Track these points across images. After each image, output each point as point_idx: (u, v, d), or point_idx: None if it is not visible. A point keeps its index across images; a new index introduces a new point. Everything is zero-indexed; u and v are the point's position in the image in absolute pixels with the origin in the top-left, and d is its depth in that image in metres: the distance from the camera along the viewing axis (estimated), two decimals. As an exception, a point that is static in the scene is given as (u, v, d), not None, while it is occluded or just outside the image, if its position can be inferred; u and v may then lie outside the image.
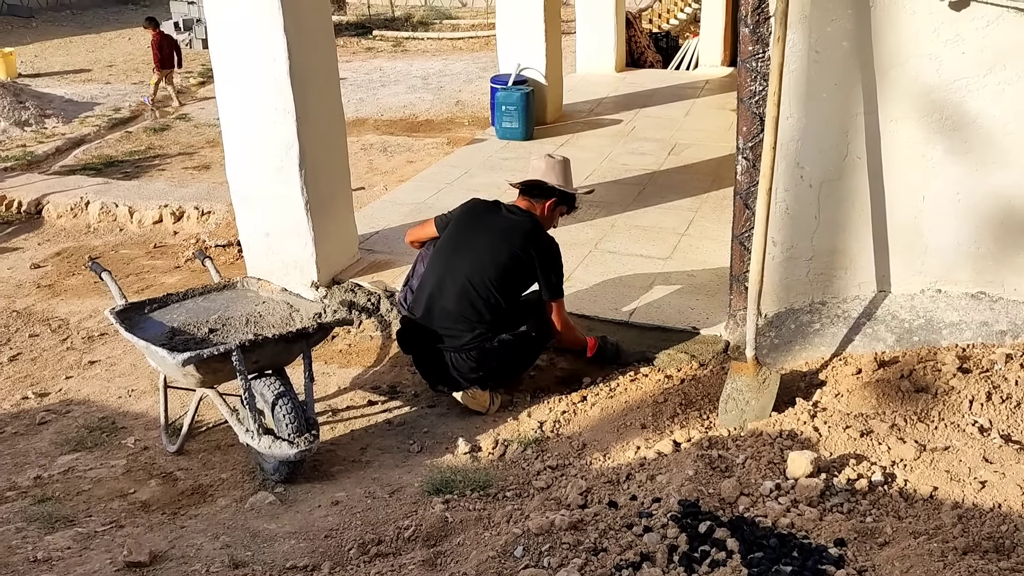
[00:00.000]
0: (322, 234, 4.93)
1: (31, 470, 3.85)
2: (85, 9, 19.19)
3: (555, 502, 3.03)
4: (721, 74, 10.36)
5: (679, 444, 3.39)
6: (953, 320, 3.72)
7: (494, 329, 3.96)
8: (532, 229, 4.03)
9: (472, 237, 4.04)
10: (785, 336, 3.96)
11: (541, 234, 4.05)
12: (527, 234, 3.99)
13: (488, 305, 3.93)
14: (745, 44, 3.69)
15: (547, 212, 4.12)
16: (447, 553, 2.75)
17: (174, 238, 6.85)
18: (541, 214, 4.10)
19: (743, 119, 3.79)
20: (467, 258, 3.97)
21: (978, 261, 3.69)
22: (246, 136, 4.81)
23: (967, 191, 3.60)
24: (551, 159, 4.16)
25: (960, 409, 3.21)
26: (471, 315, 3.93)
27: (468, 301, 3.93)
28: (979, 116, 3.48)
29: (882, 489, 2.81)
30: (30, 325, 5.46)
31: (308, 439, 3.51)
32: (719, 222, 5.58)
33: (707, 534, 2.55)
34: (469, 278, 3.93)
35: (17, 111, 10.20)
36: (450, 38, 16.03)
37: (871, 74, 3.57)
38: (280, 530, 3.16)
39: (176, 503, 3.56)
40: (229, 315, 3.96)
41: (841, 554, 2.42)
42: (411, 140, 9.02)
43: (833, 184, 3.76)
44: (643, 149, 7.43)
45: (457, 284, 3.95)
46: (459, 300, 3.94)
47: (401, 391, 4.39)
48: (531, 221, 4.06)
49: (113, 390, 4.60)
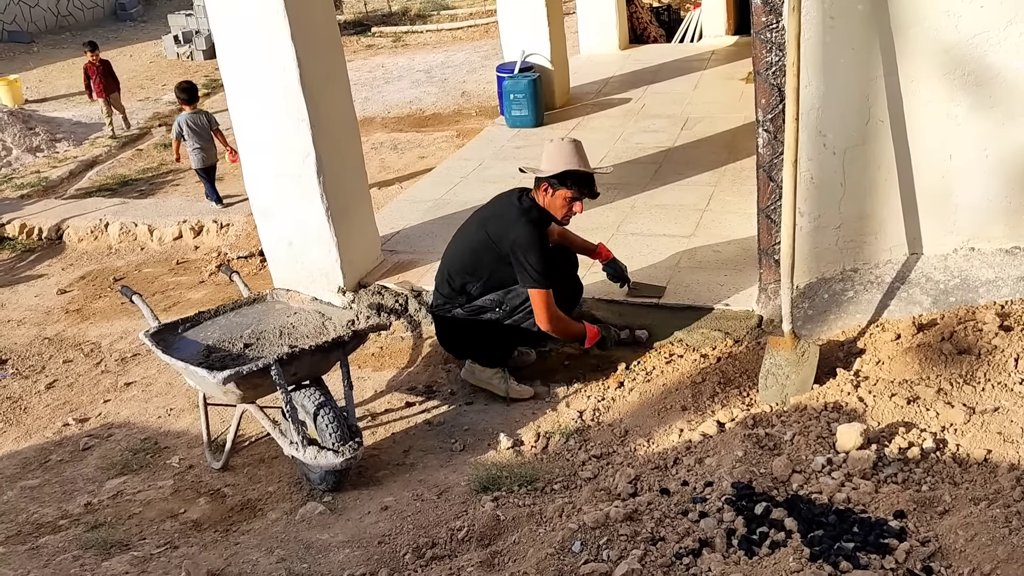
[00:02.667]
0: (345, 239, 4.93)
1: (80, 497, 3.88)
2: (84, 30, 19.21)
3: (605, 492, 3.04)
4: (727, 43, 10.26)
5: (723, 424, 3.38)
6: (989, 277, 3.68)
7: (453, 303, 4.14)
8: (512, 218, 3.97)
9: (467, 222, 4.26)
10: (819, 306, 3.93)
11: (517, 223, 3.94)
12: (505, 222, 3.99)
13: (452, 282, 4.14)
14: (758, 15, 3.65)
15: (546, 198, 4.00)
16: (504, 552, 2.75)
17: (195, 253, 6.88)
18: (543, 202, 4.03)
19: (761, 91, 3.75)
20: (454, 240, 4.26)
21: (1010, 216, 3.65)
22: (262, 148, 4.81)
23: (995, 146, 3.55)
24: (548, 143, 4.07)
25: (1006, 368, 3.18)
26: (442, 288, 4.21)
27: (443, 276, 4.21)
28: (1002, 69, 3.43)
29: (935, 456, 2.79)
30: (63, 351, 5.50)
31: (352, 447, 3.52)
32: (739, 195, 5.54)
33: (764, 515, 2.54)
34: (449, 257, 4.23)
35: (28, 137, 10.26)
36: (449, 29, 15.95)
37: (888, 35, 3.52)
38: (333, 540, 3.18)
39: (227, 520, 3.59)
40: (262, 329, 3.97)
41: (902, 526, 2.40)
42: (420, 136, 9.00)
43: (857, 150, 3.72)
44: (655, 126, 7.38)
45: (442, 261, 4.27)
46: (439, 274, 4.26)
47: (437, 390, 4.40)
48: (517, 210, 3.99)
49: (152, 410, 4.63)
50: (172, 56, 15.28)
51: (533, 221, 3.96)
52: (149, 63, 14.96)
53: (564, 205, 3.97)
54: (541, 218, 4.01)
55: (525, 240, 3.90)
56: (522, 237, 3.91)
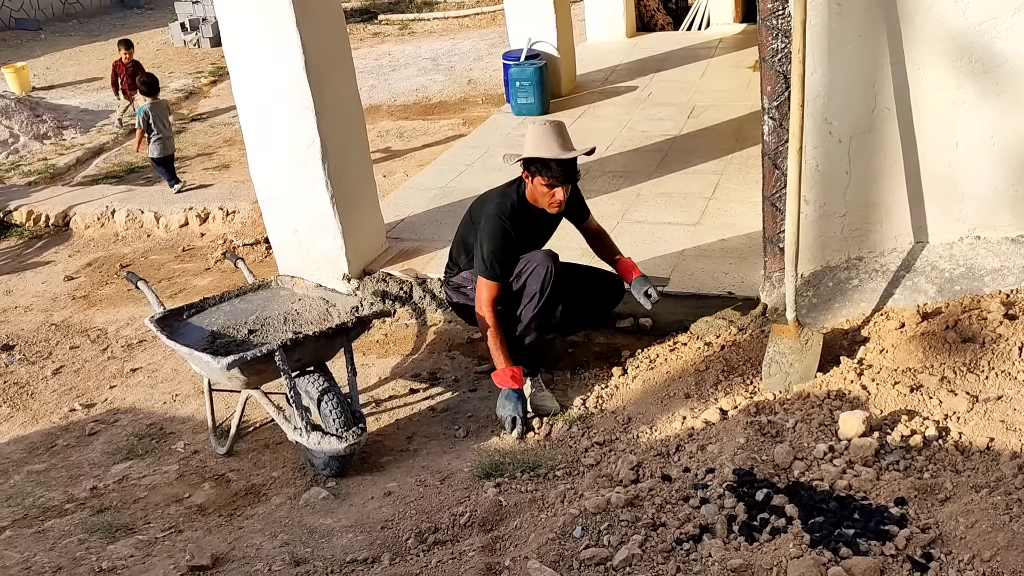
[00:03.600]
0: (350, 226, 4.94)
1: (87, 481, 3.91)
2: (91, 17, 19.23)
3: (607, 479, 3.04)
4: (734, 31, 10.22)
5: (726, 412, 3.38)
6: (995, 266, 3.66)
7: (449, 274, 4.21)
8: (490, 201, 3.96)
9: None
10: (824, 295, 3.93)
11: (488, 207, 3.92)
12: (483, 205, 4.00)
13: (451, 257, 4.23)
14: (764, 2, 3.63)
15: (530, 187, 3.86)
16: (505, 537, 2.77)
17: (202, 240, 6.90)
18: (528, 190, 3.90)
19: (767, 78, 3.74)
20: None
21: (1017, 204, 3.63)
22: (267, 135, 4.81)
23: (1001, 134, 3.53)
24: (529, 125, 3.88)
25: (1010, 356, 3.17)
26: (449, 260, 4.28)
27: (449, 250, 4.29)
28: (1010, 56, 3.41)
29: (937, 444, 2.79)
30: (69, 337, 5.53)
31: (356, 432, 3.54)
32: (745, 183, 5.53)
33: (765, 502, 2.55)
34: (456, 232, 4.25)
35: (35, 125, 10.28)
36: (456, 16, 15.90)
37: (895, 22, 3.50)
38: (336, 524, 3.20)
39: (231, 504, 3.61)
40: (267, 315, 3.99)
41: (903, 513, 2.41)
42: (426, 124, 8.99)
43: (863, 137, 3.70)
44: (661, 114, 7.36)
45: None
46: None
47: (441, 377, 4.41)
48: (498, 195, 3.96)
49: (157, 396, 4.66)
50: (179, 44, 15.27)
51: (501, 210, 3.85)
52: (156, 51, 14.95)
53: (545, 192, 3.80)
54: (516, 208, 3.88)
55: (486, 226, 3.85)
56: (486, 223, 3.86)
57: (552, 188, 3.78)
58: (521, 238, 3.89)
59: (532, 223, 3.97)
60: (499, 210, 3.87)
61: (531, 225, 3.97)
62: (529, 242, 3.96)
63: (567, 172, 3.77)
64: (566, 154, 3.73)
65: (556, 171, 3.74)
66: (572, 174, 3.80)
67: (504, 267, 3.84)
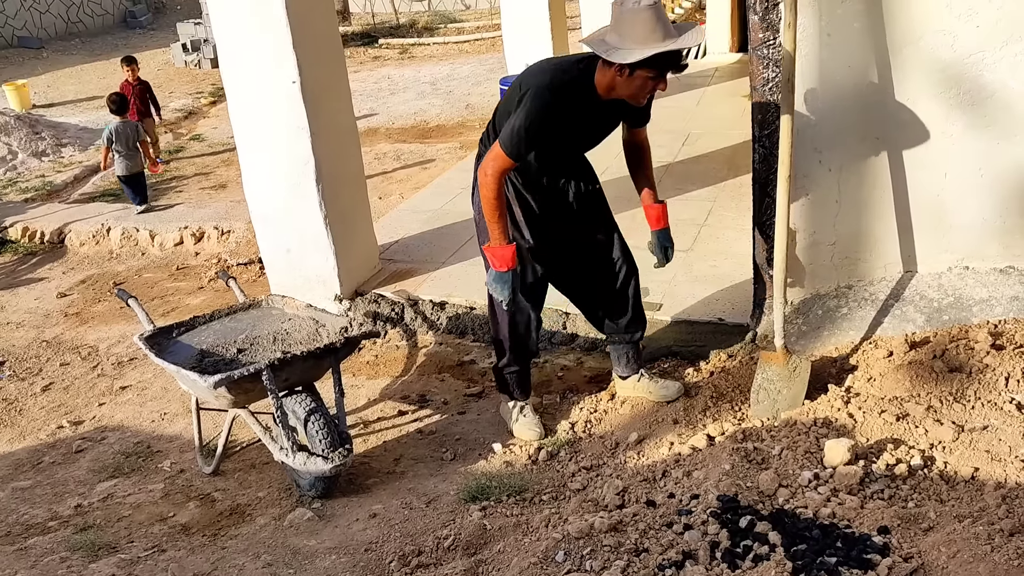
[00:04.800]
0: (343, 247, 4.95)
1: (71, 499, 3.89)
2: (94, 36, 19.36)
3: (592, 503, 3.03)
4: (730, 61, 10.30)
5: (713, 438, 3.38)
6: (983, 296, 3.67)
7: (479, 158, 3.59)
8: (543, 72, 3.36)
9: None
10: (813, 322, 3.93)
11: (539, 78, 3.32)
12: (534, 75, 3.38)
13: (482, 143, 3.62)
14: (755, 32, 3.67)
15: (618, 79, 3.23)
16: (488, 561, 2.75)
17: (196, 259, 6.91)
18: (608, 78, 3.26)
19: (757, 107, 3.77)
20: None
21: (1005, 235, 3.65)
22: (262, 155, 4.84)
23: (990, 165, 3.56)
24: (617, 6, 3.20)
25: (996, 387, 3.17)
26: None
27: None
28: (998, 89, 3.44)
29: (922, 473, 2.79)
30: (60, 354, 5.52)
31: (342, 453, 3.52)
32: (738, 211, 5.55)
33: (748, 529, 2.54)
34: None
35: (34, 142, 10.31)
36: (456, 42, 16.04)
37: (885, 53, 3.53)
38: (320, 546, 3.18)
39: (216, 524, 3.59)
40: (256, 334, 3.98)
41: (885, 542, 2.40)
42: (424, 147, 9.03)
43: (852, 167, 3.72)
44: (656, 141, 7.26)
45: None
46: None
47: (430, 399, 4.40)
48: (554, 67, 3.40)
49: (146, 414, 4.64)
50: (180, 64, 15.38)
51: (557, 86, 3.25)
52: (157, 71, 15.04)
53: (644, 84, 3.21)
54: (577, 90, 3.29)
55: (532, 97, 3.23)
56: (534, 95, 3.23)
57: (657, 80, 3.22)
58: (568, 127, 3.36)
59: (590, 114, 3.40)
60: (554, 86, 3.26)
61: (588, 115, 3.40)
62: (577, 136, 3.48)
63: (680, 59, 3.26)
64: (680, 43, 3.13)
65: (673, 61, 3.20)
66: (680, 58, 3.28)
67: (530, 149, 3.29)
